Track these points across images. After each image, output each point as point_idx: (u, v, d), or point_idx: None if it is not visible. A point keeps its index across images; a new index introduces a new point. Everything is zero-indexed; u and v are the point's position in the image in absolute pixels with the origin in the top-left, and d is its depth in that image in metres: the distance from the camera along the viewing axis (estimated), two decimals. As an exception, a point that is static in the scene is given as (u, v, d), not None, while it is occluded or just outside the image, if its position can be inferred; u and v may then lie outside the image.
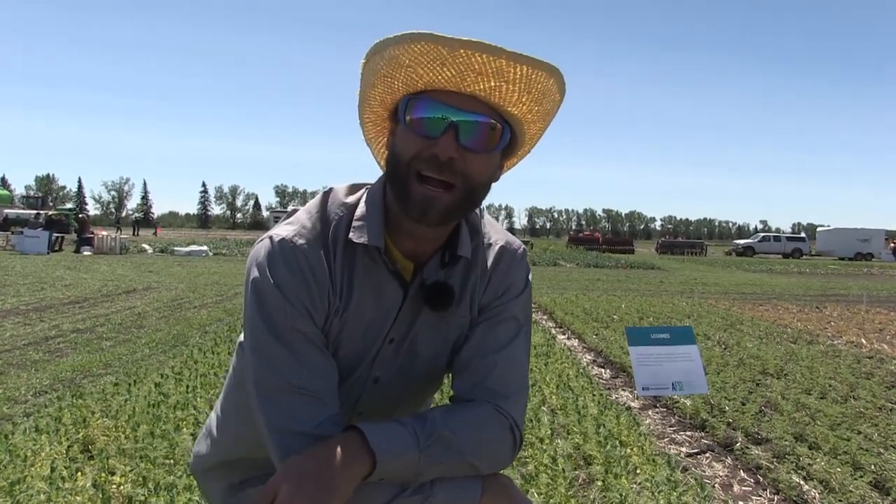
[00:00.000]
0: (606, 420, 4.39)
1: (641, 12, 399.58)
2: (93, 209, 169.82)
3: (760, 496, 3.49)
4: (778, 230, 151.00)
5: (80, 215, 30.10)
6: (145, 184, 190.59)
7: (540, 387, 5.31)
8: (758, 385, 5.79)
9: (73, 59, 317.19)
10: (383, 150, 1.36)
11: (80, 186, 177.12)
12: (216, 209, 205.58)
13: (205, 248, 28.51)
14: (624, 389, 5.69)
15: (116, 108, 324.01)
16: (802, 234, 63.23)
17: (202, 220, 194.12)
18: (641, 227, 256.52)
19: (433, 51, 1.09)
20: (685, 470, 3.73)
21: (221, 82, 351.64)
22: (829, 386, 5.76)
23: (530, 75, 1.13)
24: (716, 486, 3.60)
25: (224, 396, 1.55)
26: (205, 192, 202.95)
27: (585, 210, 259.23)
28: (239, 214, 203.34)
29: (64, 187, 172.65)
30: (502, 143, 1.21)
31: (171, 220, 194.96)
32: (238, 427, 1.47)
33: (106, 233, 29.64)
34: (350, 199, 1.29)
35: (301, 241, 1.22)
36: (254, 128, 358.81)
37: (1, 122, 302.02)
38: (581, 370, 6.14)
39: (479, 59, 1.09)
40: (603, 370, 6.51)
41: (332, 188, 1.33)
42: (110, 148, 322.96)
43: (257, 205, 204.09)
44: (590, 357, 7.16)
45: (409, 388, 1.38)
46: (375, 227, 1.24)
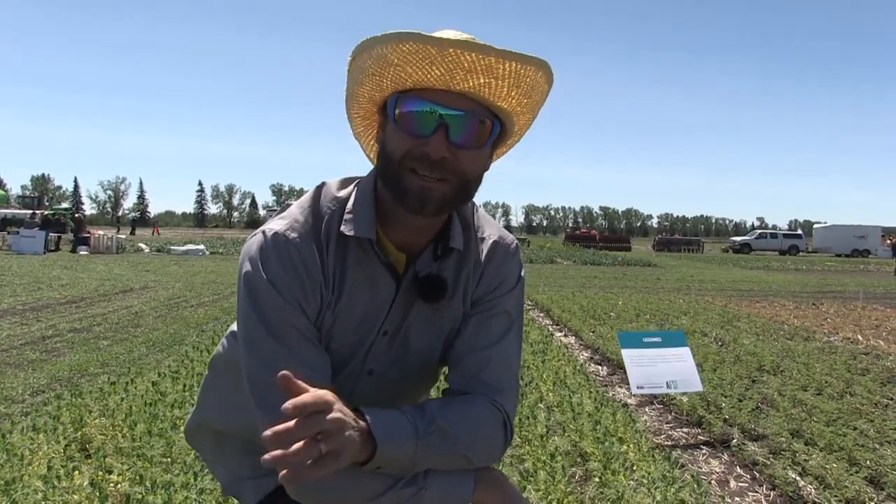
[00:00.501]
0: (603, 417, 4.40)
1: (637, 10, 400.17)
2: (89, 209, 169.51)
3: (756, 492, 3.50)
4: (775, 227, 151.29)
5: (76, 215, 30.00)
6: (141, 183, 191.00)
7: (537, 384, 5.32)
8: (754, 382, 5.81)
9: (69, 59, 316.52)
10: (373, 143, 1.37)
11: (77, 186, 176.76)
12: (213, 208, 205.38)
13: (201, 247, 28.50)
14: (620, 386, 5.70)
15: (112, 108, 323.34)
16: (799, 231, 63.41)
17: (199, 219, 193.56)
18: (638, 224, 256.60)
19: (422, 50, 1.10)
20: (682, 466, 3.74)
21: (218, 81, 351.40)
22: (826, 382, 5.78)
23: (519, 70, 1.14)
24: (712, 482, 3.61)
25: (210, 368, 1.58)
26: (201, 191, 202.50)
27: (582, 207, 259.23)
28: (235, 213, 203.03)
29: (60, 187, 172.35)
30: (492, 137, 1.22)
31: (168, 219, 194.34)
32: (222, 403, 1.52)
33: (103, 232, 29.61)
34: (342, 193, 1.30)
35: (293, 234, 1.23)
36: (250, 127, 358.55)
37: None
38: (578, 367, 6.16)
39: (468, 57, 1.09)
40: (600, 367, 6.53)
41: (324, 182, 1.34)
42: (106, 147, 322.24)
43: (254, 204, 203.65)
44: (587, 354, 7.18)
45: (404, 381, 1.39)
46: (366, 219, 1.24)
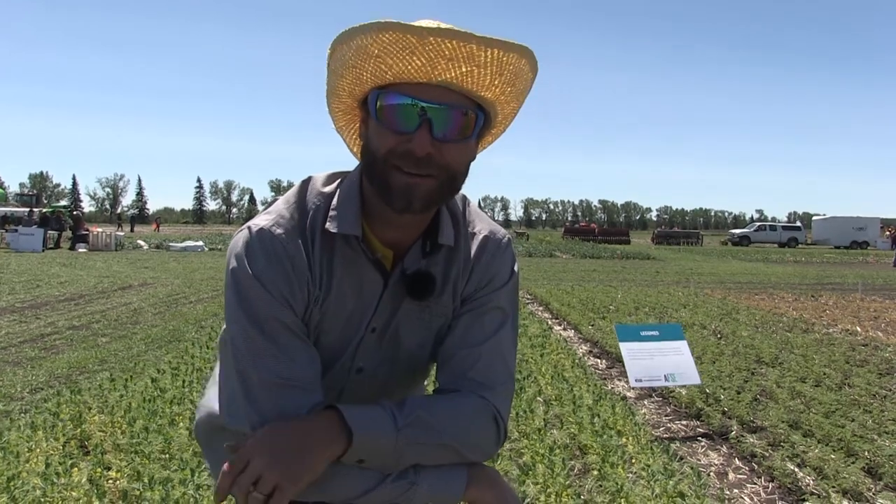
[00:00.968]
0: (602, 410, 4.40)
1: (635, 2, 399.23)
2: (87, 206, 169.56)
3: (755, 483, 3.51)
4: (774, 219, 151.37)
5: (74, 212, 29.94)
6: (140, 180, 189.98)
7: (535, 377, 5.32)
8: (753, 374, 5.81)
9: (66, 57, 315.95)
10: (355, 137, 1.34)
11: (75, 183, 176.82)
12: (211, 205, 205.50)
13: (200, 243, 28.49)
14: (619, 379, 5.70)
15: (111, 105, 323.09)
16: (798, 223, 63.33)
17: (197, 215, 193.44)
18: (637, 217, 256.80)
19: (402, 40, 1.07)
20: (681, 459, 3.74)
21: (216, 78, 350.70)
22: (824, 374, 5.78)
23: (501, 58, 1.11)
24: (711, 474, 3.61)
25: (215, 369, 1.56)
26: (200, 187, 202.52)
27: (581, 201, 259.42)
28: (234, 209, 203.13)
29: (58, 185, 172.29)
30: (477, 128, 1.19)
31: (167, 215, 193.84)
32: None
33: (101, 229, 29.57)
34: (327, 189, 1.28)
35: (279, 230, 1.21)
36: (248, 123, 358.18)
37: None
38: (576, 361, 6.16)
39: (449, 45, 1.07)
40: (599, 360, 6.53)
41: (310, 177, 1.32)
42: (105, 145, 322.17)
43: (252, 200, 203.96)
44: (585, 348, 7.18)
45: (394, 379, 1.37)
46: (351, 215, 1.23)
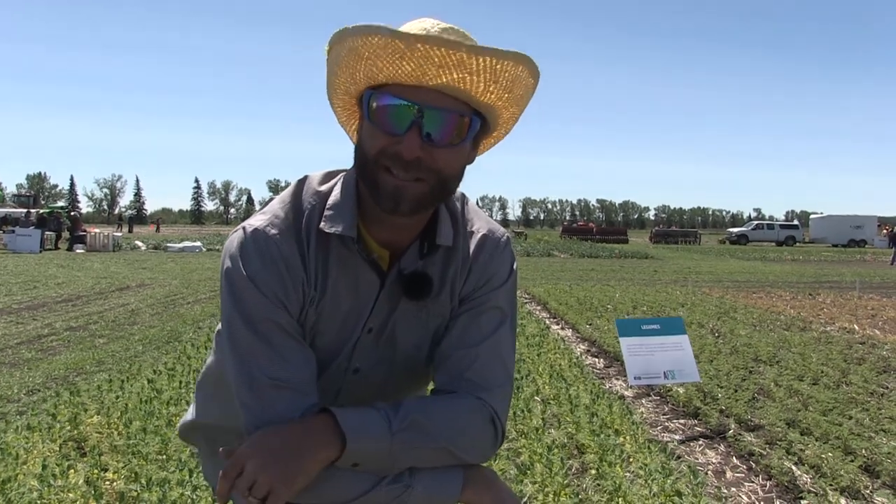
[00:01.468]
0: (599, 409, 4.40)
1: (634, 0, 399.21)
2: (85, 207, 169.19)
3: (753, 482, 3.51)
4: (771, 218, 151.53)
5: (72, 213, 29.91)
6: (138, 180, 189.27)
7: (533, 377, 5.32)
8: (751, 372, 5.82)
9: (64, 57, 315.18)
10: (357, 132, 1.32)
11: (73, 184, 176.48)
12: (209, 205, 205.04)
13: (198, 244, 28.48)
14: (617, 378, 5.71)
15: (108, 106, 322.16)
16: (796, 222, 63.55)
17: (195, 216, 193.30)
18: (635, 216, 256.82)
19: (391, 44, 1.06)
20: (678, 458, 3.74)
21: (213, 78, 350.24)
22: (822, 372, 5.79)
23: (495, 65, 1.08)
24: (709, 472, 3.61)
25: (204, 369, 1.56)
26: (198, 187, 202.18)
27: (579, 200, 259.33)
28: (232, 210, 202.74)
29: (56, 185, 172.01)
30: (471, 132, 1.17)
31: (165, 216, 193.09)
32: (215, 400, 1.49)
33: (99, 230, 29.54)
34: (323, 188, 1.27)
35: (273, 231, 1.21)
36: (246, 123, 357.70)
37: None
38: (574, 360, 6.16)
39: (437, 52, 1.05)
40: (596, 360, 6.53)
41: (306, 176, 1.31)
42: (102, 145, 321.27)
43: (250, 200, 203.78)
44: (583, 347, 7.18)
45: (391, 380, 1.36)
46: (347, 216, 1.21)
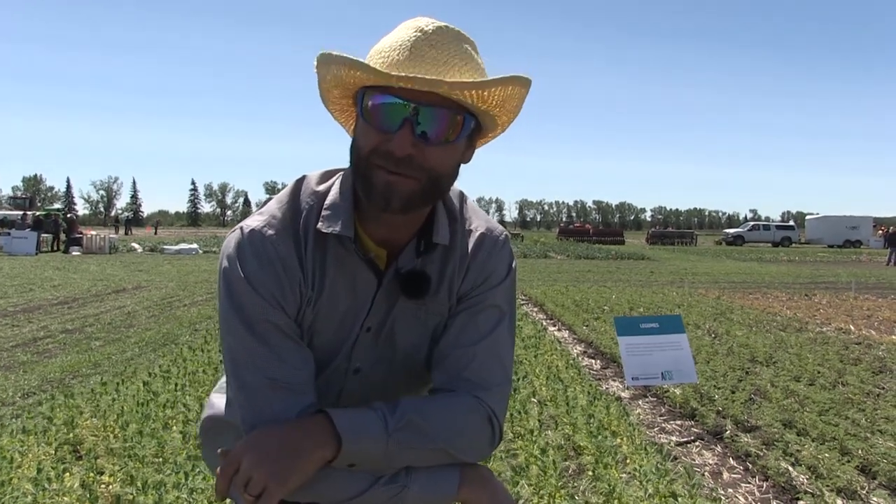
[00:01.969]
0: (596, 410, 4.40)
1: (630, 0, 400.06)
2: (82, 209, 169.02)
3: (749, 483, 3.51)
4: (767, 219, 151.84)
5: (68, 215, 29.88)
6: (134, 182, 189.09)
7: (530, 378, 5.32)
8: (747, 373, 5.82)
9: (60, 58, 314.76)
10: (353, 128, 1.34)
11: (69, 186, 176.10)
12: (206, 207, 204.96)
13: (194, 245, 28.43)
14: (614, 380, 5.71)
15: (104, 107, 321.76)
16: (791, 223, 63.66)
17: (192, 217, 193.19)
18: (632, 217, 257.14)
19: (372, 79, 1.08)
20: (675, 459, 3.74)
21: (210, 79, 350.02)
22: (818, 373, 5.80)
23: (482, 93, 1.10)
24: (705, 473, 3.62)
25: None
26: (194, 189, 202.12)
27: (576, 202, 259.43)
28: (229, 212, 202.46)
29: (52, 187, 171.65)
30: (464, 132, 1.16)
31: (161, 218, 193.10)
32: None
33: (95, 232, 29.48)
34: (321, 188, 1.27)
35: (271, 231, 1.21)
36: (243, 125, 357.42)
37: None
38: (571, 361, 6.16)
39: (419, 91, 1.07)
40: (593, 361, 6.53)
41: (304, 176, 1.31)
42: (98, 147, 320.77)
43: (247, 202, 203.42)
44: (580, 348, 7.18)
45: (392, 380, 1.36)
46: (344, 215, 1.22)
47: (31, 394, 4.93)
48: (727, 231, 59.61)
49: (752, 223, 60.26)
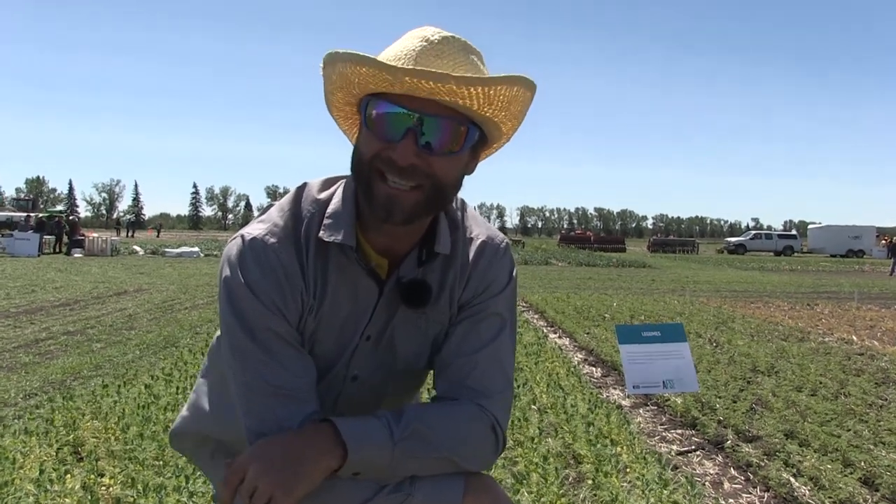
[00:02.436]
0: (597, 419, 4.39)
1: (630, 7, 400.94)
2: (84, 211, 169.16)
3: (751, 493, 3.50)
4: (769, 228, 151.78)
5: (70, 217, 29.93)
6: (136, 185, 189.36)
7: (530, 386, 5.32)
8: (749, 383, 5.81)
9: (62, 60, 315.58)
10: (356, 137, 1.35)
11: (71, 188, 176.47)
12: (207, 210, 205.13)
13: (196, 249, 28.47)
14: (615, 388, 5.70)
15: (107, 110, 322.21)
16: (794, 232, 63.76)
17: (193, 221, 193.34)
18: (633, 225, 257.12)
19: (378, 74, 1.08)
20: (676, 468, 3.73)
21: (213, 83, 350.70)
22: (820, 383, 5.78)
23: (488, 92, 1.10)
24: (706, 483, 3.61)
25: (201, 375, 1.56)
26: (196, 193, 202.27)
27: (577, 209, 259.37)
28: (230, 215, 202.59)
29: (54, 189, 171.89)
30: (468, 142, 1.17)
31: (162, 221, 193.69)
32: (212, 407, 1.49)
33: (97, 234, 29.52)
34: (323, 196, 1.27)
35: (272, 239, 1.21)
36: (245, 128, 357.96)
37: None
38: (572, 369, 6.15)
39: (426, 84, 1.06)
40: (594, 369, 6.52)
41: (305, 183, 1.31)
42: (101, 149, 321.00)
43: (249, 206, 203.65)
44: (581, 356, 7.17)
45: (390, 387, 1.36)
46: (346, 224, 1.22)
47: (33, 395, 4.93)
48: (729, 240, 59.63)
49: (754, 232, 60.33)
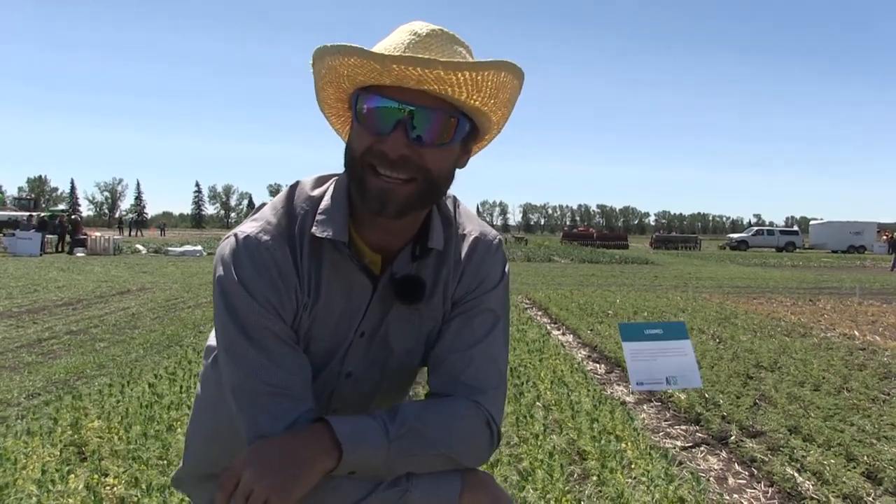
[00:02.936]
0: (601, 415, 4.39)
1: (632, 4, 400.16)
2: (86, 210, 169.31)
3: (755, 489, 3.50)
4: (771, 224, 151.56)
5: (72, 216, 29.96)
6: (138, 184, 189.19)
7: (534, 382, 5.31)
8: (752, 378, 5.81)
9: (64, 59, 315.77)
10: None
11: (73, 187, 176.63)
12: (210, 209, 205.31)
13: (198, 248, 28.46)
14: (619, 384, 5.70)
15: (109, 109, 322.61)
16: (795, 228, 63.74)
17: (196, 220, 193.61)
18: (635, 222, 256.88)
19: (366, 64, 1.08)
20: (680, 464, 3.73)
21: (215, 82, 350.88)
22: (823, 378, 5.78)
23: (476, 77, 1.09)
24: (711, 479, 3.60)
25: (192, 412, 1.57)
26: (198, 191, 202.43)
27: (580, 206, 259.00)
28: (233, 214, 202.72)
29: (56, 188, 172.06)
30: (459, 134, 1.17)
31: (165, 220, 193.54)
32: (206, 444, 1.50)
33: (99, 233, 29.56)
34: (315, 193, 1.27)
35: (266, 237, 1.21)
36: (247, 127, 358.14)
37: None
38: (576, 365, 6.15)
39: (414, 71, 1.06)
40: (598, 365, 6.52)
41: (298, 181, 1.31)
42: (103, 149, 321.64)
43: (251, 204, 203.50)
44: (584, 352, 7.17)
45: (383, 383, 1.36)
46: (339, 220, 1.22)
47: (36, 395, 4.94)
48: (731, 236, 59.67)
49: (756, 228, 60.24)
